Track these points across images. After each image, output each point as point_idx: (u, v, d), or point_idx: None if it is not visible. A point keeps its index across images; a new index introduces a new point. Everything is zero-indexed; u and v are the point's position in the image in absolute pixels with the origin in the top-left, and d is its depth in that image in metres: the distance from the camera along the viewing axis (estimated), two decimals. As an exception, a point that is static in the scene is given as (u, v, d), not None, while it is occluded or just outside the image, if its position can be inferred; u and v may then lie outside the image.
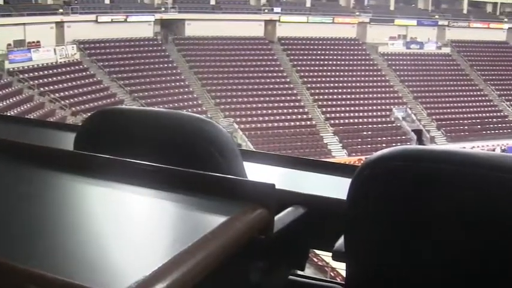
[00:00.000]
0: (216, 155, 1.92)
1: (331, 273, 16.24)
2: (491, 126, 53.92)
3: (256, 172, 2.37)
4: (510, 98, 58.02)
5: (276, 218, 1.51)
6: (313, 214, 2.01)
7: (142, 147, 1.90)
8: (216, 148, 1.93)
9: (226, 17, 54.27)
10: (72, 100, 41.88)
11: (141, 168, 1.50)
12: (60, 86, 42.93)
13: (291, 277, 2.22)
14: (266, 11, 57.32)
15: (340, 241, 1.75)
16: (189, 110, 39.59)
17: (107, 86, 45.92)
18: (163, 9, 53.64)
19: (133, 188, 1.46)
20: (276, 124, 47.49)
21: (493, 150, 44.49)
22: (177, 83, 49.11)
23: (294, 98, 51.24)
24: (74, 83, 43.95)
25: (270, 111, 48.70)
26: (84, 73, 46.05)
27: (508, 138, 52.36)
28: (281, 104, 49.82)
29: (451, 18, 63.70)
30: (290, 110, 49.56)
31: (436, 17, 63.58)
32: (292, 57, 55.25)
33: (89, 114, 2.27)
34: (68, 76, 44.30)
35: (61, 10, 47.91)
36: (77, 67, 46.09)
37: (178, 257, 1.09)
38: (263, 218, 1.37)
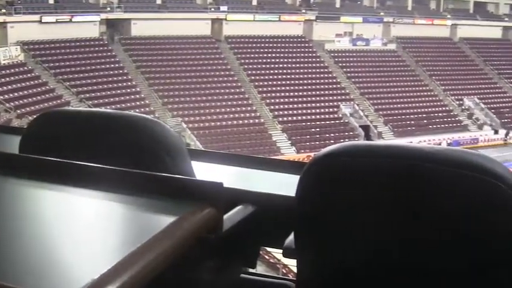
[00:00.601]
0: (164, 155, 1.89)
1: (283, 270, 16.32)
2: (437, 120, 55.04)
3: (205, 171, 2.33)
4: (455, 93, 59.16)
5: (225, 216, 1.50)
6: (263, 212, 1.98)
7: (89, 149, 1.85)
8: (164, 148, 1.90)
9: (172, 16, 54.05)
10: (17, 102, 41.22)
11: (88, 170, 1.47)
12: (5, 88, 42.19)
13: (242, 275, 2.20)
14: (212, 9, 57.32)
15: (291, 238, 1.74)
16: (137, 110, 39.43)
17: (53, 88, 45.30)
18: (108, 9, 53.19)
19: (81, 190, 1.44)
20: (224, 123, 47.58)
21: (439, 144, 45.23)
22: (124, 83, 48.79)
23: (241, 96, 51.34)
24: (18, 85, 43.16)
25: (218, 110, 48.69)
26: (29, 75, 45.34)
27: (453, 132, 53.50)
28: (229, 103, 49.89)
29: (396, 15, 64.68)
30: (238, 109, 49.66)
31: (382, 14, 64.42)
32: (239, 55, 55.39)
33: (35, 116, 2.22)
34: (12, 78, 43.47)
35: (4, 10, 47.03)
36: (21, 68, 45.35)
37: (128, 258, 1.08)
38: (212, 217, 1.36)
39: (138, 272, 1.07)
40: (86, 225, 1.29)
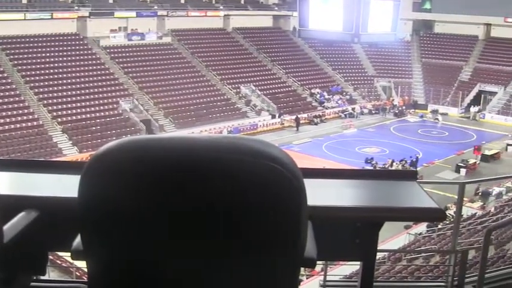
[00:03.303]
0: None
1: (77, 273, 16.01)
2: (217, 109, 56.35)
3: None
4: (231, 81, 61.00)
5: (7, 225, 1.54)
6: (47, 216, 1.95)
7: None
8: None
9: None
10: None
11: None
12: None
13: (33, 283, 2.14)
14: (-21, 9, 54.87)
15: (78, 240, 1.71)
16: None
17: None
18: None
19: None
20: (1, 128, 45.65)
21: (220, 132, 46.65)
22: None
23: (17, 98, 49.64)
24: None
25: (-7, 115, 46.84)
26: None
27: (233, 120, 55.21)
28: (5, 106, 47.97)
29: (170, 8, 65.34)
30: (15, 112, 47.88)
31: (155, 7, 64.78)
32: (12, 56, 53.48)
33: None
34: None
35: None
36: None
37: None
38: None
39: None
40: None
